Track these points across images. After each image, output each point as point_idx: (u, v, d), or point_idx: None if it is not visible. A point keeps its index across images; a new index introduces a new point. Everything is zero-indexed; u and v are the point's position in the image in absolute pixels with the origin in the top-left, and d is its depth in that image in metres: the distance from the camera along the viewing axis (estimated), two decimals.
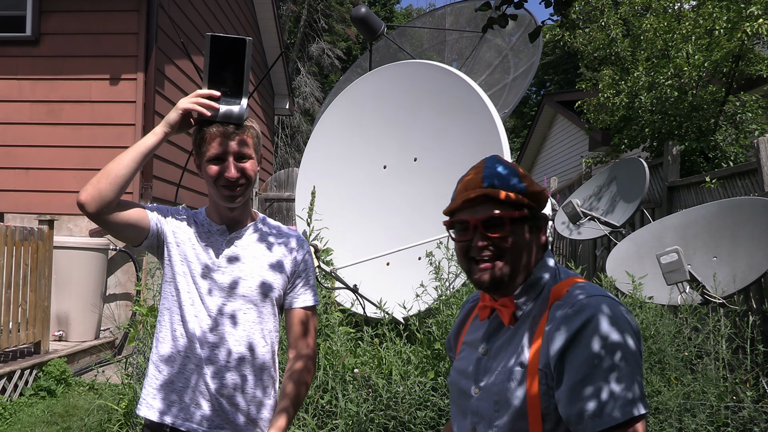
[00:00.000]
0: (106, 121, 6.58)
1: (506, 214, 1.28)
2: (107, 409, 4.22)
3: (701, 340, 3.49)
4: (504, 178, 1.31)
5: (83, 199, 1.66)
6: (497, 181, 1.30)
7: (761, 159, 4.34)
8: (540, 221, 1.35)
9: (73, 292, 5.93)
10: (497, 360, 1.29)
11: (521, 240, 1.30)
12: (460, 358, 1.41)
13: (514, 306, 1.31)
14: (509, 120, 24.05)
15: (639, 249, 4.65)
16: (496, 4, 2.22)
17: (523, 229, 1.31)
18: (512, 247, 1.29)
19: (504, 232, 1.28)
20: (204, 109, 1.70)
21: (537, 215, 1.34)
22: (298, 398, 1.76)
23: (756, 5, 5.75)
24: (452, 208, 1.35)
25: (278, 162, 20.33)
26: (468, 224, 1.31)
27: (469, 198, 1.30)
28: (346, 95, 5.56)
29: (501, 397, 1.25)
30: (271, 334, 1.81)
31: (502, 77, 7.95)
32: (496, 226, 1.29)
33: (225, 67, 1.73)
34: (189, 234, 1.80)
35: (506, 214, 1.28)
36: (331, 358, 3.65)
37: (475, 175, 1.34)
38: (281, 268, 1.81)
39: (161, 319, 1.81)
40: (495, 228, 1.29)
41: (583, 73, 14.47)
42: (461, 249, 1.34)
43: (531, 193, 1.32)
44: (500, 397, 1.25)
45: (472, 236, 1.31)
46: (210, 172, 1.72)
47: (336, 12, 24.48)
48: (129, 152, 1.71)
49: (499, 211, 1.28)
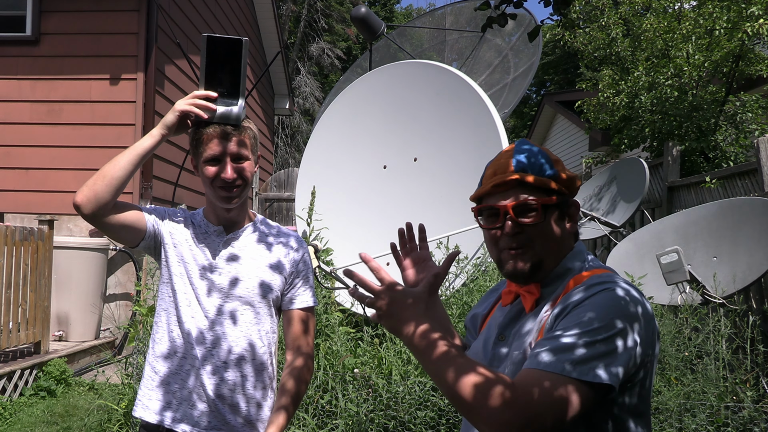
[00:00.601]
0: (106, 121, 6.57)
1: (539, 200, 1.22)
2: (107, 409, 4.22)
3: (701, 340, 3.49)
4: (535, 162, 1.24)
5: (79, 200, 1.65)
6: (528, 165, 1.24)
7: (761, 159, 4.34)
8: (571, 209, 1.29)
9: (73, 292, 5.93)
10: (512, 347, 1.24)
11: (552, 227, 1.24)
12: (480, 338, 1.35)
13: (539, 293, 1.25)
14: (509, 120, 24.04)
15: (639, 249, 4.65)
16: (496, 3, 2.22)
17: (554, 216, 1.25)
18: (544, 234, 1.23)
19: (536, 219, 1.22)
20: (201, 110, 1.70)
21: (568, 202, 1.28)
22: (297, 397, 1.76)
23: (756, 5, 5.75)
24: (481, 193, 1.28)
25: (278, 162, 20.33)
26: (498, 210, 1.24)
27: (499, 182, 1.24)
28: (346, 95, 5.56)
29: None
30: (269, 335, 1.80)
31: (502, 77, 7.95)
32: (528, 212, 1.22)
33: (221, 68, 1.73)
34: (186, 235, 1.80)
35: (539, 200, 1.22)
36: (331, 358, 3.65)
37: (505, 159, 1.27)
38: (279, 268, 1.81)
39: (158, 320, 1.80)
40: (527, 214, 1.22)
41: (583, 73, 14.47)
42: (491, 237, 1.27)
43: (563, 179, 1.25)
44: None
45: (503, 223, 1.24)
46: (207, 173, 1.72)
47: (336, 12, 24.48)
48: (125, 154, 1.70)
49: (531, 196, 1.22)
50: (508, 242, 1.24)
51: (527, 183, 1.23)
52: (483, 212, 1.28)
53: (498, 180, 1.24)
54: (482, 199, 1.29)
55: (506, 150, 1.30)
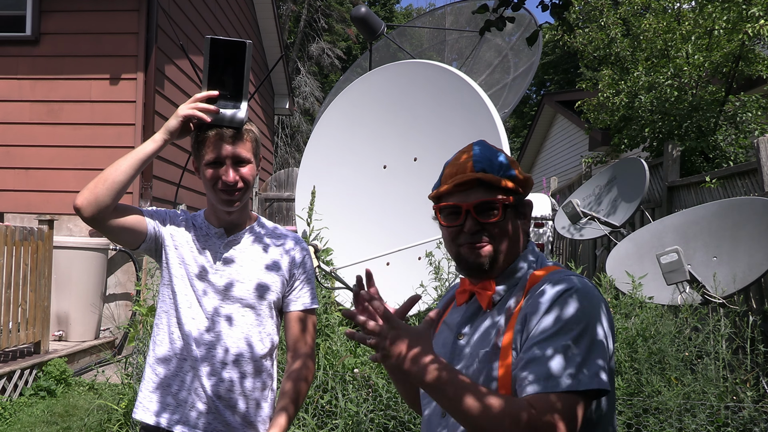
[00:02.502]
0: (106, 121, 6.57)
1: (499, 200, 1.27)
2: (107, 409, 4.22)
3: (701, 341, 3.49)
4: (494, 163, 1.29)
5: (79, 203, 1.65)
6: (488, 165, 1.29)
7: (761, 159, 4.33)
8: (525, 208, 1.34)
9: (73, 292, 5.93)
10: (473, 344, 1.28)
11: (510, 225, 1.29)
12: (435, 341, 1.38)
13: (494, 290, 1.30)
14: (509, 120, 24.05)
15: (639, 249, 4.65)
16: (494, 6, 2.22)
17: (512, 215, 1.30)
18: (503, 232, 1.28)
19: (497, 217, 1.27)
20: (203, 114, 1.69)
21: (523, 202, 1.34)
22: (298, 398, 1.76)
23: (757, 6, 5.75)
24: (441, 192, 1.31)
25: (278, 162, 20.33)
26: (459, 209, 1.28)
27: (460, 182, 1.28)
28: (346, 95, 5.56)
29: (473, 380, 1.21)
30: (270, 337, 1.80)
31: (502, 77, 7.95)
32: (489, 211, 1.27)
33: (224, 71, 1.72)
34: (187, 237, 1.80)
35: (499, 199, 1.27)
36: (331, 358, 3.65)
37: (465, 158, 1.31)
38: (279, 270, 1.81)
39: (158, 322, 1.80)
40: (488, 213, 1.27)
41: (583, 73, 14.47)
42: (450, 234, 1.31)
43: (519, 179, 1.31)
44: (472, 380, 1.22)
45: (464, 221, 1.28)
46: (208, 176, 1.72)
47: (336, 12, 24.47)
48: (127, 158, 1.70)
49: (492, 196, 1.27)
50: (468, 239, 1.28)
51: (487, 182, 1.27)
52: (444, 210, 1.32)
53: (459, 179, 1.28)
54: (442, 197, 1.32)
55: (465, 150, 1.34)
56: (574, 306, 1.16)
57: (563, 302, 1.16)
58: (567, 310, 1.15)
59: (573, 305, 1.16)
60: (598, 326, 1.15)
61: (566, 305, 1.16)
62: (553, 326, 1.14)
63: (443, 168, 1.35)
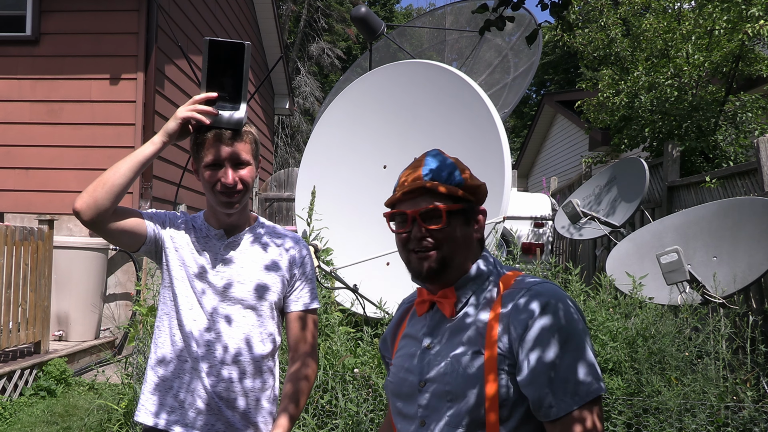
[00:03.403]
0: (106, 121, 6.57)
1: (443, 207, 1.31)
2: (107, 409, 4.22)
3: (701, 341, 3.49)
4: (443, 171, 1.34)
5: (79, 207, 1.65)
6: (437, 174, 1.33)
7: (761, 159, 4.33)
8: (477, 214, 1.38)
9: (73, 292, 5.93)
10: (445, 351, 1.30)
11: (458, 232, 1.33)
12: (400, 354, 1.41)
13: (455, 297, 1.33)
14: (509, 120, 24.04)
15: (639, 249, 4.65)
16: (493, 6, 2.22)
17: (459, 221, 1.33)
18: (449, 238, 1.32)
19: (441, 224, 1.30)
20: (202, 116, 1.69)
21: (474, 209, 1.37)
22: (300, 397, 1.76)
23: (757, 6, 5.75)
24: (392, 200, 1.38)
25: (278, 162, 20.33)
26: (407, 216, 1.33)
27: (408, 190, 1.33)
28: (346, 95, 5.56)
29: (454, 386, 1.25)
30: (271, 337, 1.80)
31: (502, 77, 7.95)
32: (434, 218, 1.31)
33: (224, 72, 1.71)
34: (187, 239, 1.80)
35: (443, 206, 1.31)
36: (331, 358, 3.65)
37: (416, 168, 1.36)
38: (280, 271, 1.81)
39: (159, 324, 1.80)
40: (433, 220, 1.31)
41: (583, 73, 14.47)
42: (400, 240, 1.36)
43: (469, 187, 1.35)
44: (453, 387, 1.25)
45: (411, 227, 1.33)
46: (207, 177, 1.71)
47: (336, 12, 24.47)
48: (126, 161, 1.70)
49: (437, 203, 1.31)
50: (415, 245, 1.33)
51: (434, 191, 1.32)
52: (394, 217, 1.37)
53: (408, 188, 1.33)
54: (395, 205, 1.38)
55: (418, 159, 1.39)
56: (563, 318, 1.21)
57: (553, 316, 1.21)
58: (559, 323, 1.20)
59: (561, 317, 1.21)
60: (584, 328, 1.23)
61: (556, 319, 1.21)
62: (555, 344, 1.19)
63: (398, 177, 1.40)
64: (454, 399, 1.24)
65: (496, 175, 4.50)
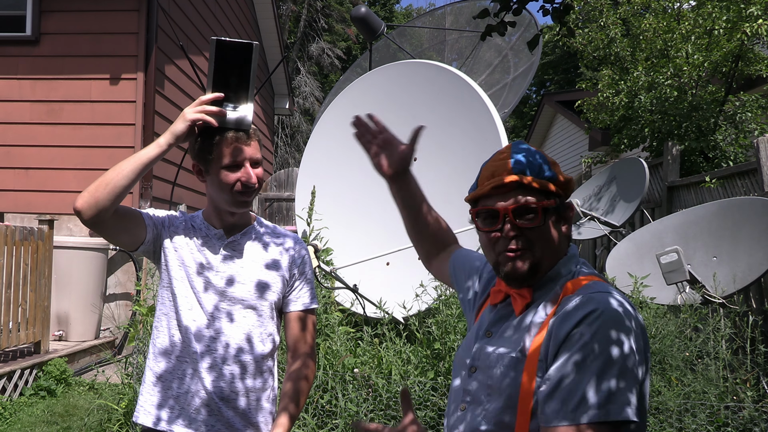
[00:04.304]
0: (106, 121, 6.57)
1: (539, 203, 1.19)
2: (107, 409, 4.22)
3: (702, 341, 3.49)
4: (534, 164, 1.22)
5: (79, 206, 1.64)
6: (527, 166, 1.21)
7: (761, 159, 4.34)
8: (568, 211, 1.26)
9: (73, 292, 5.93)
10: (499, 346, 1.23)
11: (551, 230, 1.22)
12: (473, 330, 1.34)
13: (530, 298, 1.24)
14: (509, 120, 24.05)
15: (639, 249, 4.65)
16: (495, 11, 2.21)
17: (552, 218, 1.22)
18: (543, 237, 1.21)
19: (536, 222, 1.19)
20: (211, 117, 1.67)
21: (565, 205, 1.26)
22: (300, 396, 1.76)
23: (756, 6, 5.75)
24: (478, 194, 1.24)
25: (278, 162, 20.33)
26: (497, 212, 1.21)
27: (498, 184, 1.21)
28: (346, 95, 5.56)
29: (495, 383, 1.19)
30: (271, 337, 1.80)
31: (502, 77, 7.95)
32: (528, 214, 1.20)
33: (230, 73, 1.69)
34: (186, 239, 1.80)
35: (539, 203, 1.19)
36: (331, 358, 3.65)
37: (503, 159, 1.23)
38: (279, 270, 1.81)
39: (158, 324, 1.80)
40: (526, 217, 1.20)
41: (583, 73, 14.47)
42: (488, 240, 1.24)
43: (560, 182, 1.23)
44: (494, 383, 1.19)
45: (502, 225, 1.21)
46: (227, 179, 1.70)
47: (336, 12, 24.47)
48: (130, 162, 1.67)
49: (531, 198, 1.19)
50: (506, 244, 1.21)
51: (526, 185, 1.20)
52: (480, 214, 1.25)
53: (497, 182, 1.21)
54: (479, 200, 1.26)
55: (503, 150, 1.28)
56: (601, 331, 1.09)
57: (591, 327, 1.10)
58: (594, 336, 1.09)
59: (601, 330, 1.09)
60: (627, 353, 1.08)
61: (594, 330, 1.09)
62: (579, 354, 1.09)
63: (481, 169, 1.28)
64: (492, 395, 1.19)
65: None
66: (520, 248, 1.21)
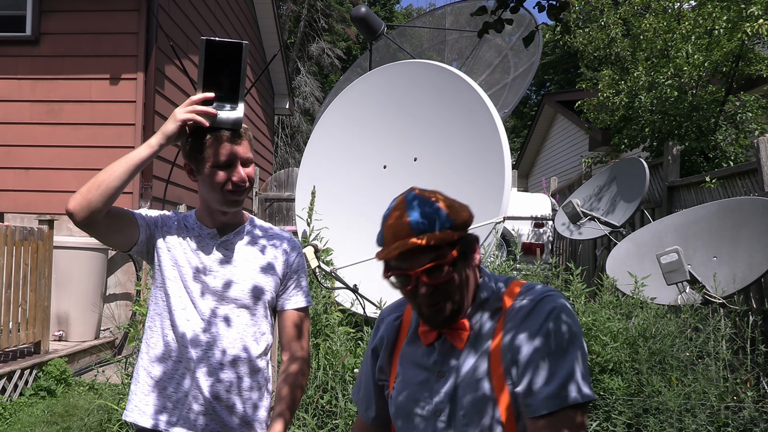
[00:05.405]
0: (106, 121, 6.58)
1: (446, 260, 1.24)
2: (107, 409, 4.22)
3: (702, 341, 3.49)
4: (431, 218, 1.24)
5: (72, 207, 1.63)
6: (427, 225, 1.24)
7: (761, 159, 4.33)
8: (473, 245, 1.32)
9: (73, 292, 5.93)
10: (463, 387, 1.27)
11: (464, 273, 1.28)
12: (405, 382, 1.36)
13: (469, 329, 1.30)
14: (509, 120, 24.04)
15: (639, 249, 4.64)
16: (492, 9, 2.21)
17: (462, 263, 1.28)
18: (457, 284, 1.27)
19: (448, 275, 1.25)
20: (202, 117, 1.67)
21: (469, 241, 1.30)
22: (294, 402, 1.76)
23: (756, 5, 5.75)
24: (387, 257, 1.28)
25: (278, 162, 20.34)
26: (409, 276, 1.27)
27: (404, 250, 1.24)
28: (346, 95, 5.56)
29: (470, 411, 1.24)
30: (265, 337, 1.81)
31: (502, 77, 7.96)
32: (439, 272, 1.25)
33: (220, 72, 1.69)
34: (180, 239, 1.80)
35: (444, 260, 1.24)
36: (331, 358, 3.65)
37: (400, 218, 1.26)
38: (273, 270, 1.81)
39: (151, 324, 1.79)
40: (438, 274, 1.25)
41: (583, 73, 14.47)
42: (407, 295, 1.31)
43: (458, 224, 1.26)
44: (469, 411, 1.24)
45: (416, 285, 1.27)
46: (218, 178, 1.70)
47: (336, 12, 24.48)
48: (122, 162, 1.67)
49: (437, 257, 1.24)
50: (425, 300, 1.27)
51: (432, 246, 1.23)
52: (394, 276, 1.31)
53: (400, 248, 1.24)
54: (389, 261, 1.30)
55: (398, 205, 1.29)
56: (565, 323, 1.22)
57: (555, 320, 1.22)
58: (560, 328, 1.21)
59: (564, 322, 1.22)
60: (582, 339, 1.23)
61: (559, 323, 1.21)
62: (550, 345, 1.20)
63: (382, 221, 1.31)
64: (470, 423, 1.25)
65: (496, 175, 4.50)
66: (439, 301, 1.27)
